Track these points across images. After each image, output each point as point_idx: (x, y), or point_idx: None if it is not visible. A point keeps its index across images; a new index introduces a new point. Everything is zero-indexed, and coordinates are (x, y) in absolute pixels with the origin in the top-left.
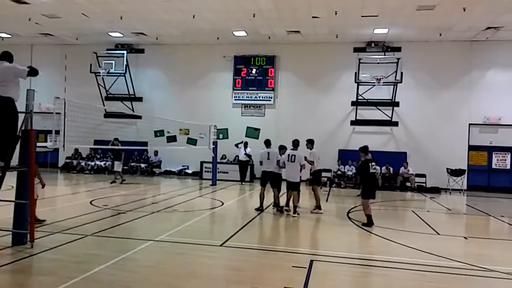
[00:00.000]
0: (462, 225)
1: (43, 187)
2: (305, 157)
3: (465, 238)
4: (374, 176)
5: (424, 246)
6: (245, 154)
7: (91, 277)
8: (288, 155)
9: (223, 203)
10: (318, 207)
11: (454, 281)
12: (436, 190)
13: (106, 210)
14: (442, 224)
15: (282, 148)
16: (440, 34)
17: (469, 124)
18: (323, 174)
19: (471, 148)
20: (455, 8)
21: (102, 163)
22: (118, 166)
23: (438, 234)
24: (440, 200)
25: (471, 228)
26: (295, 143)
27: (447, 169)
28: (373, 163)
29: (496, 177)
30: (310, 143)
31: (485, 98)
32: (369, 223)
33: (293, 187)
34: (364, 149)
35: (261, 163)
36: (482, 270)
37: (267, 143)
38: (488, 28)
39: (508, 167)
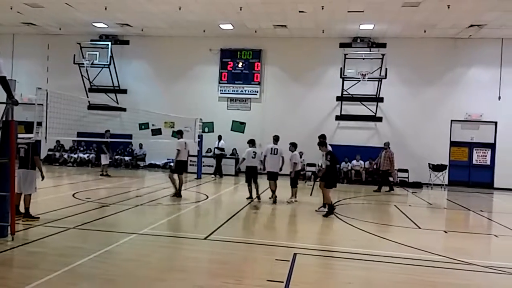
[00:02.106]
0: (443, 219)
1: (42, 179)
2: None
3: (445, 232)
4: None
5: (406, 240)
6: (217, 147)
7: (73, 270)
8: (271, 148)
9: (208, 197)
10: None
11: (433, 274)
12: (418, 185)
13: (89, 203)
14: (423, 218)
15: (251, 143)
16: (425, 31)
17: (451, 121)
18: (308, 168)
19: (453, 144)
20: (439, 5)
21: (85, 156)
22: (105, 159)
23: (419, 228)
24: (421, 194)
25: (451, 222)
26: (276, 138)
27: (429, 164)
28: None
29: (477, 173)
30: (293, 146)
31: (467, 95)
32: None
33: (275, 177)
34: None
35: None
36: (460, 263)
37: (276, 139)
38: (471, 25)
39: (488, 163)
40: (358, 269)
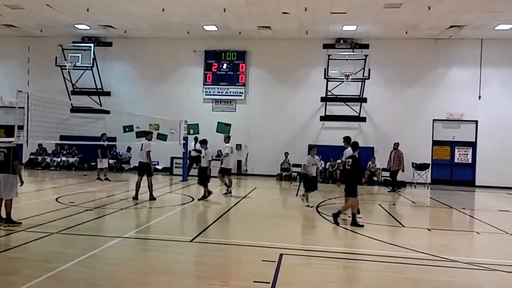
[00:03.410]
0: (426, 217)
1: (21, 185)
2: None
3: (428, 230)
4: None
5: (390, 238)
6: (194, 149)
7: (56, 275)
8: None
9: (193, 199)
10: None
11: (417, 271)
12: (401, 184)
13: (73, 207)
14: (407, 216)
15: (204, 143)
16: (406, 32)
17: (433, 120)
18: (293, 169)
19: (435, 143)
20: (420, 6)
21: (68, 159)
22: (104, 163)
23: (403, 226)
24: (405, 193)
25: (434, 220)
26: (229, 137)
27: (412, 163)
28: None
29: (458, 171)
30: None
31: (448, 95)
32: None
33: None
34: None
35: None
36: (444, 260)
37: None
38: (452, 26)
39: (470, 161)
40: (342, 268)
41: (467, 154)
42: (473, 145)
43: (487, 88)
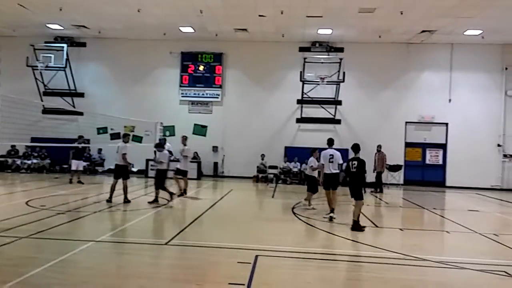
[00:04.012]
0: (399, 217)
1: None
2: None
3: (400, 230)
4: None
5: (364, 239)
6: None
7: (27, 280)
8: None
9: (169, 201)
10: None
11: (389, 271)
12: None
13: (44, 210)
14: (380, 217)
15: (160, 146)
16: (380, 36)
17: (406, 122)
18: (269, 170)
19: (407, 145)
20: (393, 11)
21: (39, 162)
22: (78, 165)
23: (377, 226)
24: (379, 194)
25: (407, 220)
26: (186, 138)
27: (386, 165)
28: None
29: (430, 172)
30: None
31: (420, 98)
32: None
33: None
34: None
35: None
36: (415, 259)
37: (330, 142)
38: (423, 31)
39: (441, 162)
40: (317, 269)
41: (438, 156)
42: (443, 147)
43: (457, 91)
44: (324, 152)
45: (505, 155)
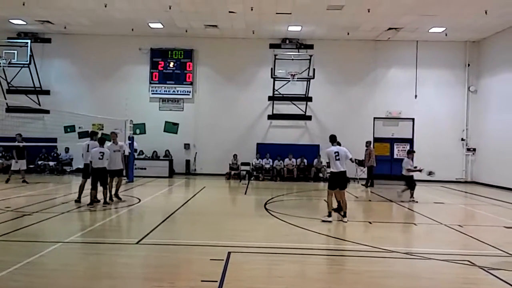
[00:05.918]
0: (368, 211)
1: None
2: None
3: (370, 223)
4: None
5: (334, 232)
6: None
7: None
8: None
9: (140, 200)
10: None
11: (358, 263)
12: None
13: (8, 212)
14: (350, 211)
15: (101, 142)
16: (348, 33)
17: (374, 118)
18: (242, 167)
19: (376, 140)
20: (361, 9)
21: (4, 162)
22: (21, 165)
23: (348, 220)
24: (348, 188)
25: (376, 213)
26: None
27: (355, 159)
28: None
29: (398, 166)
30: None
31: (387, 94)
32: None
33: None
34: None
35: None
36: (383, 251)
37: (333, 139)
38: (390, 28)
39: None
40: (289, 263)
41: (405, 150)
42: (410, 141)
43: (422, 87)
44: (328, 150)
45: (468, 149)
